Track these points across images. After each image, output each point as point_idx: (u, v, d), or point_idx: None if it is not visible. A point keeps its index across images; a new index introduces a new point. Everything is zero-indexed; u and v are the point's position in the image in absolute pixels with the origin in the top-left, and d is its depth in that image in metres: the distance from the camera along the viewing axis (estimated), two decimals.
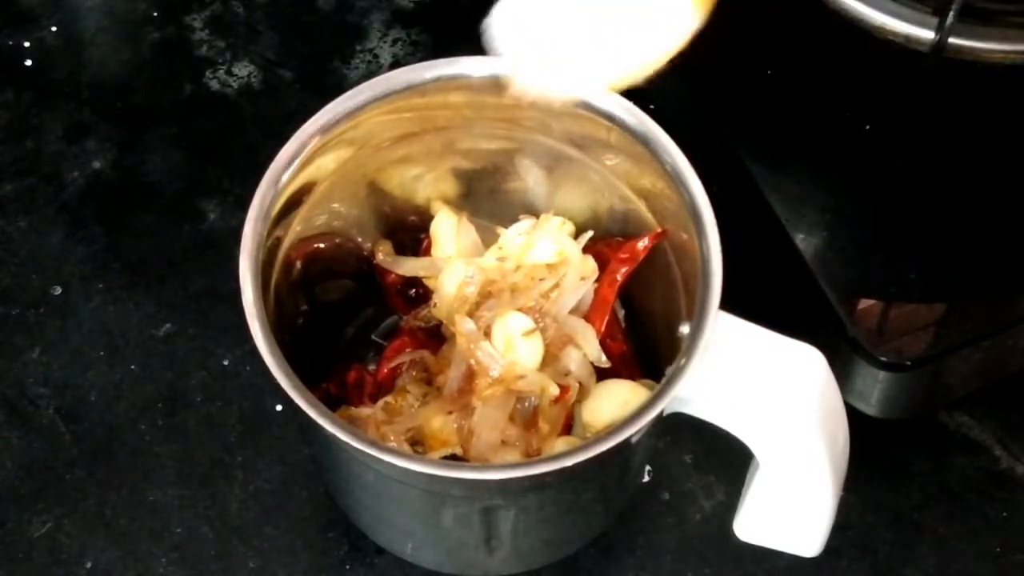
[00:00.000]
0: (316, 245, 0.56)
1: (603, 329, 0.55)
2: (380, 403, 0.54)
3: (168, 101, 0.71)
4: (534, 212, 0.58)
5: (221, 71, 0.72)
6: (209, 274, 0.65)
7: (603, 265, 0.56)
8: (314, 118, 0.51)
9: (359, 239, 0.58)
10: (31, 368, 0.63)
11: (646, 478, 0.59)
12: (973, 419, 0.62)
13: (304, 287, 0.56)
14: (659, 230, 0.54)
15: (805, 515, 0.51)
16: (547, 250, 0.55)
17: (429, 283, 0.57)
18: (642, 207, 0.55)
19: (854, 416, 0.51)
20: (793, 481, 0.50)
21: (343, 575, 0.58)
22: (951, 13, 0.54)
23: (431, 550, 0.56)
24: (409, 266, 0.58)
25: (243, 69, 0.72)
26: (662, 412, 0.47)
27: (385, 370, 0.56)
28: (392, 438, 0.52)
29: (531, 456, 0.52)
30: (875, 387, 0.59)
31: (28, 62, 0.72)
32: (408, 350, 0.56)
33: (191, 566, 0.58)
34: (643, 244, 0.55)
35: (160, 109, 0.71)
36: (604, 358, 0.54)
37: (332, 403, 0.56)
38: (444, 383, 0.54)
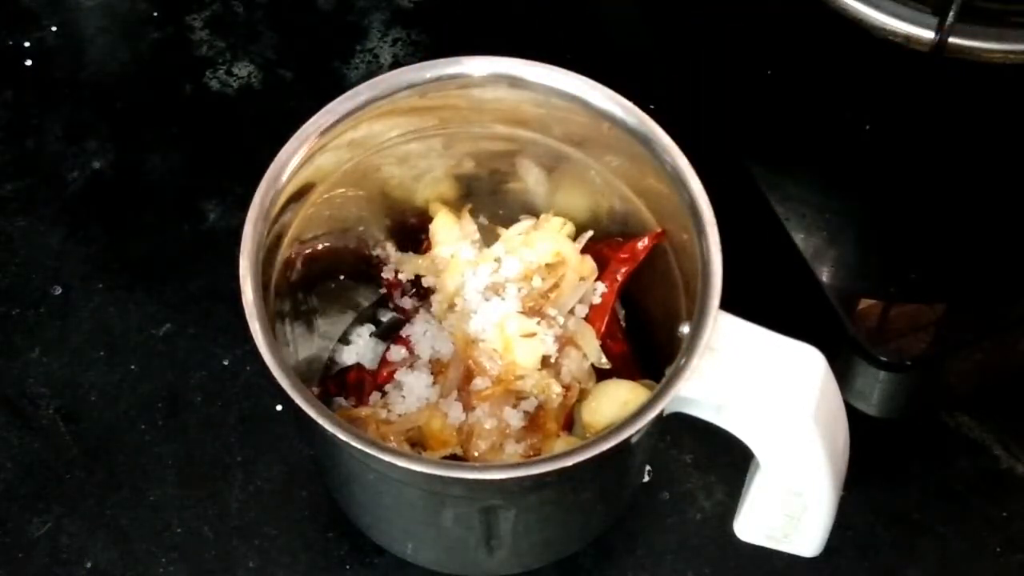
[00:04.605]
0: (316, 245, 0.56)
1: (603, 329, 0.55)
2: (379, 399, 0.54)
3: (168, 101, 0.71)
4: (534, 212, 0.58)
5: (221, 71, 0.72)
6: (209, 274, 0.65)
7: (603, 265, 0.56)
8: (314, 118, 0.51)
9: (359, 239, 0.58)
10: (31, 368, 0.63)
11: (646, 478, 0.59)
12: (973, 419, 0.62)
13: (304, 287, 0.56)
14: (659, 230, 0.54)
15: (805, 515, 0.51)
16: (545, 250, 0.55)
17: (429, 283, 0.57)
18: (642, 207, 0.55)
19: (854, 416, 0.51)
20: (793, 481, 0.50)
21: (343, 575, 0.58)
22: (951, 13, 0.54)
23: (431, 550, 0.56)
24: (410, 266, 0.58)
25: (243, 69, 0.72)
26: (662, 412, 0.47)
27: (385, 371, 0.56)
28: (392, 438, 0.52)
29: (532, 456, 0.53)
30: (875, 387, 0.59)
31: (28, 62, 0.72)
32: (407, 351, 0.56)
33: (191, 566, 0.58)
34: (643, 244, 0.55)
35: (160, 109, 0.71)
36: (604, 359, 0.54)
37: (332, 403, 0.56)
38: (444, 383, 0.54)
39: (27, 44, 0.73)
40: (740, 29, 0.65)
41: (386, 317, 0.61)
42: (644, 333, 0.58)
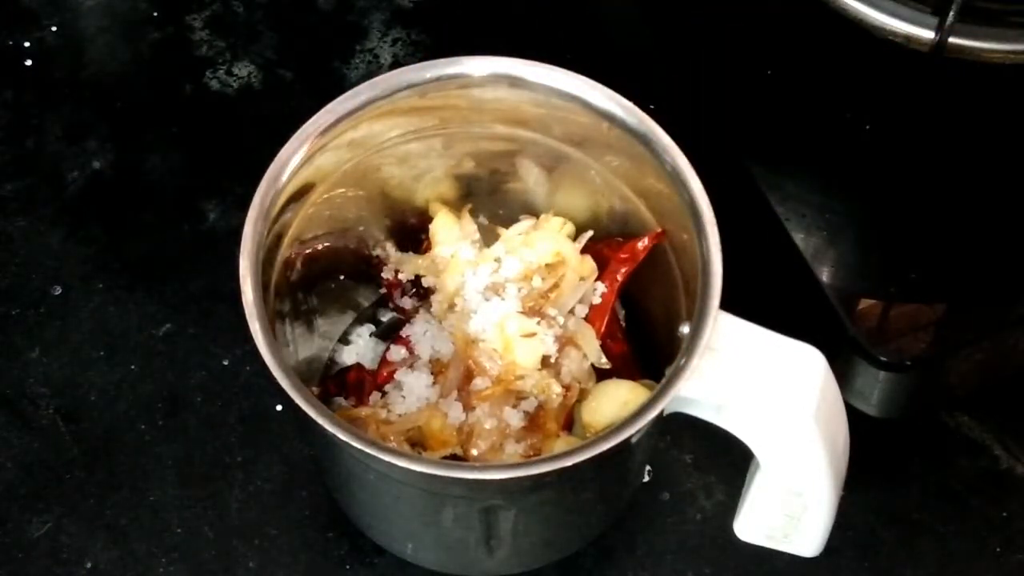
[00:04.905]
0: (316, 245, 0.56)
1: (603, 329, 0.55)
2: (379, 399, 0.54)
3: (168, 101, 0.71)
4: (534, 212, 0.58)
5: (221, 71, 0.72)
6: (209, 274, 0.65)
7: (603, 265, 0.56)
8: (314, 118, 0.51)
9: (359, 239, 0.58)
10: (31, 368, 0.63)
11: (646, 478, 0.59)
12: (973, 419, 0.62)
13: (304, 287, 0.56)
14: (659, 230, 0.54)
15: (805, 515, 0.51)
16: (545, 250, 0.55)
17: (429, 283, 0.57)
18: (642, 207, 0.55)
19: (854, 416, 0.51)
20: (793, 481, 0.50)
21: (343, 575, 0.58)
22: (951, 13, 0.54)
23: (431, 550, 0.56)
24: (410, 266, 0.58)
25: (243, 69, 0.72)
26: (662, 412, 0.47)
27: (385, 371, 0.56)
28: (392, 438, 0.52)
29: (532, 456, 0.53)
30: (875, 387, 0.59)
31: (28, 62, 0.72)
32: (407, 351, 0.56)
33: (191, 566, 0.58)
34: (643, 244, 0.55)
35: (160, 109, 0.71)
36: (604, 359, 0.54)
37: (332, 403, 0.56)
38: (444, 383, 0.54)
39: (27, 44, 0.73)
40: (740, 29, 0.65)
41: (386, 317, 0.61)
42: (644, 333, 0.58)
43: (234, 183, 0.68)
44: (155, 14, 0.74)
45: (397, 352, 0.56)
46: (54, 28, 0.73)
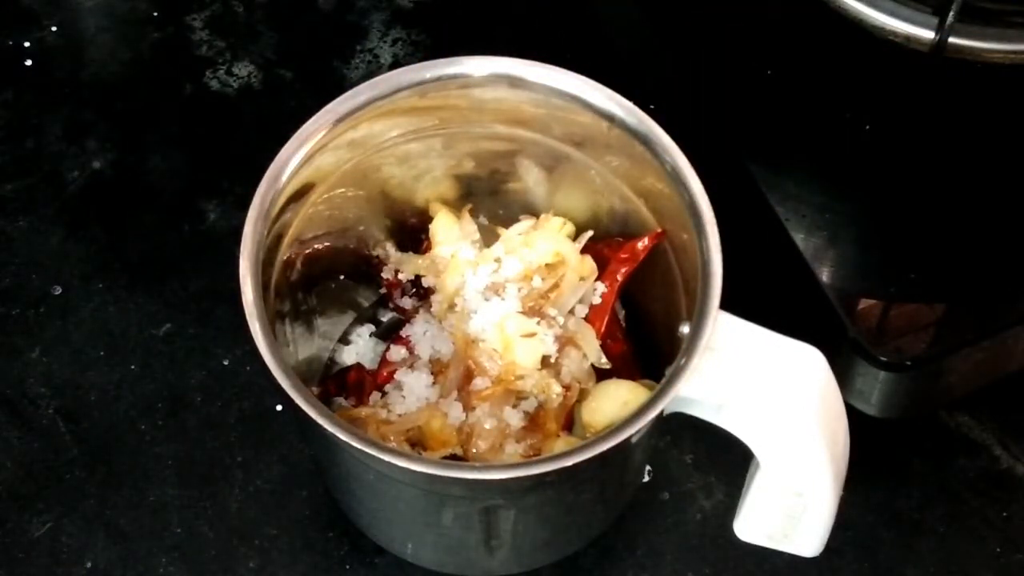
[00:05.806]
0: (316, 245, 0.56)
1: (603, 329, 0.55)
2: (379, 399, 0.54)
3: (168, 101, 0.71)
4: (534, 212, 0.58)
5: (221, 71, 0.72)
6: (209, 274, 0.65)
7: (603, 265, 0.56)
8: (314, 118, 0.51)
9: (359, 239, 0.58)
10: (31, 368, 0.63)
11: (646, 478, 0.59)
12: (973, 419, 0.62)
13: (304, 287, 0.56)
14: (659, 230, 0.54)
15: (805, 515, 0.51)
16: (545, 250, 0.55)
17: (429, 283, 0.57)
18: (642, 207, 0.55)
19: (854, 416, 0.51)
20: (793, 481, 0.50)
21: (343, 575, 0.58)
22: (951, 13, 0.54)
23: (431, 550, 0.56)
24: (410, 266, 0.58)
25: (243, 69, 0.72)
26: (662, 412, 0.47)
27: (385, 371, 0.56)
28: (392, 438, 0.52)
29: (532, 456, 0.53)
30: (875, 387, 0.59)
31: (28, 62, 0.72)
32: (407, 351, 0.56)
33: (191, 566, 0.58)
34: (643, 244, 0.55)
35: (160, 109, 0.71)
36: (604, 359, 0.54)
37: (332, 403, 0.56)
38: (444, 383, 0.54)
39: (27, 44, 0.73)
40: (740, 29, 0.65)
41: (386, 317, 0.61)
42: (644, 333, 0.58)
43: (234, 183, 0.68)
44: (155, 14, 0.74)
45: (397, 352, 0.56)
46: (54, 28, 0.73)
